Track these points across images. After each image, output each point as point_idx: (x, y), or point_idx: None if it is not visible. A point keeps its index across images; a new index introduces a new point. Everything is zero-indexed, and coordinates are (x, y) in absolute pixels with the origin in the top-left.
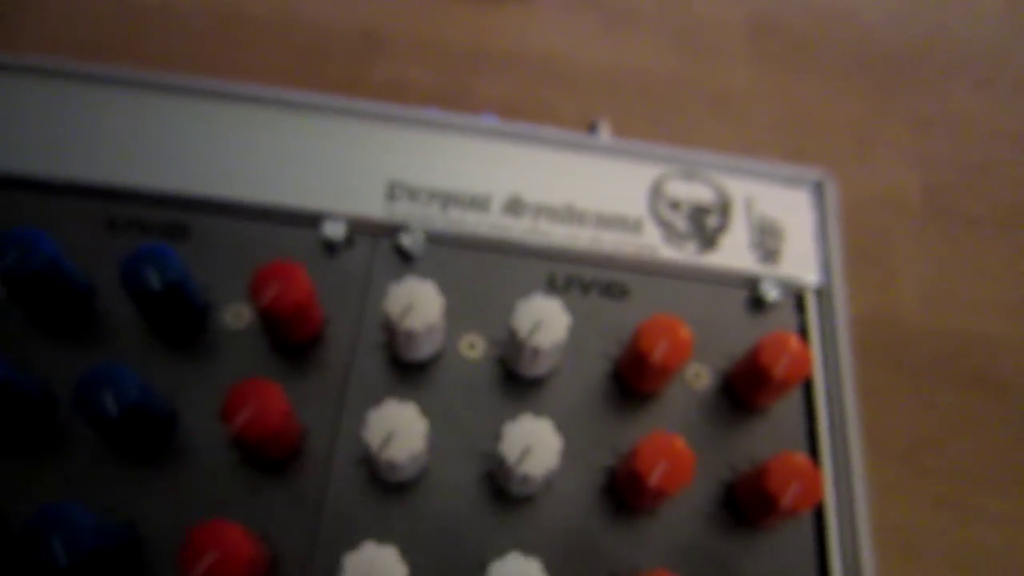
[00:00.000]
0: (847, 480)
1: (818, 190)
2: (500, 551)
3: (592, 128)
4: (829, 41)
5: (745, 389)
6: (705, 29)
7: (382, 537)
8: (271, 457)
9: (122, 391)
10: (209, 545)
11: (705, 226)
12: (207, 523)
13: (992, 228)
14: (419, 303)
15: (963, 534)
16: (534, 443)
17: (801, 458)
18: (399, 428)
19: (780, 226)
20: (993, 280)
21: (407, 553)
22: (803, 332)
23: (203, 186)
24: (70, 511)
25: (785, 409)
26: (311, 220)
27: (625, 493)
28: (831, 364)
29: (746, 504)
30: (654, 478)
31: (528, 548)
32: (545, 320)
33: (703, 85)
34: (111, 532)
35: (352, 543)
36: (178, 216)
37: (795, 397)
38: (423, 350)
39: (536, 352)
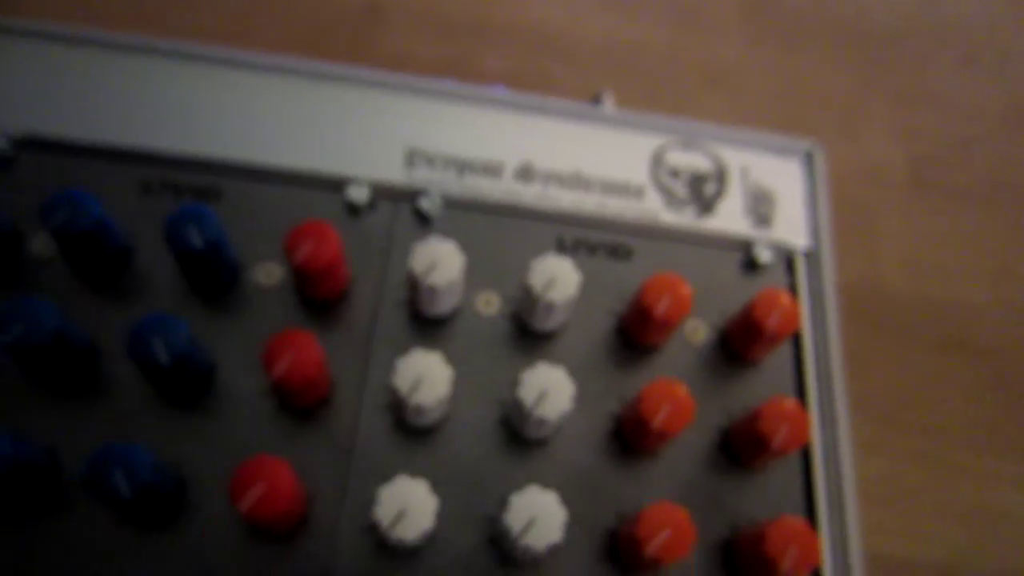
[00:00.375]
0: (832, 424)
1: (808, 160)
2: (519, 486)
3: (596, 99)
4: (820, 17)
5: (739, 342)
6: (699, 4)
7: (411, 474)
8: (305, 404)
9: (173, 339)
10: (257, 477)
11: (703, 193)
12: (255, 457)
13: (973, 201)
14: (442, 261)
15: (940, 486)
16: (550, 388)
17: (791, 402)
18: (426, 374)
19: (772, 193)
20: (973, 250)
21: (435, 487)
22: (793, 291)
23: (234, 151)
24: (132, 449)
25: (776, 361)
26: (336, 184)
27: (630, 435)
28: (818, 321)
29: (740, 445)
30: (658, 420)
31: (546, 480)
32: (558, 277)
33: (697, 59)
34: (165, 471)
35: (383, 479)
36: (210, 180)
37: (785, 351)
38: (443, 305)
39: (550, 307)
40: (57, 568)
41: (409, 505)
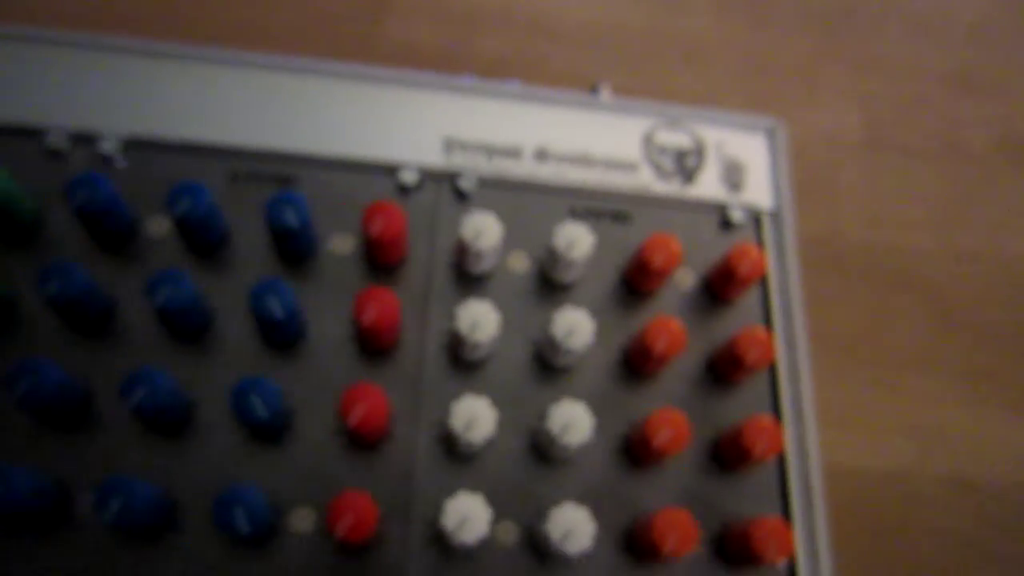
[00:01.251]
0: (794, 353)
1: (771, 134)
2: (552, 402)
3: (594, 89)
4: None
5: (718, 287)
6: None
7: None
8: (382, 346)
9: (284, 297)
10: (361, 397)
11: (686, 166)
12: (359, 383)
13: (922, 158)
14: (485, 229)
15: (889, 407)
16: (575, 325)
17: (760, 329)
18: (481, 318)
19: (742, 164)
20: (921, 202)
21: (492, 404)
22: (760, 244)
23: (304, 144)
24: (264, 384)
25: (747, 301)
26: (389, 170)
27: (637, 361)
28: (782, 268)
29: (721, 367)
30: (659, 346)
31: (575, 396)
32: (576, 239)
33: (672, 36)
34: (284, 399)
35: (450, 399)
36: (286, 169)
37: (755, 292)
38: (485, 265)
39: (570, 263)
40: None
41: (476, 415)
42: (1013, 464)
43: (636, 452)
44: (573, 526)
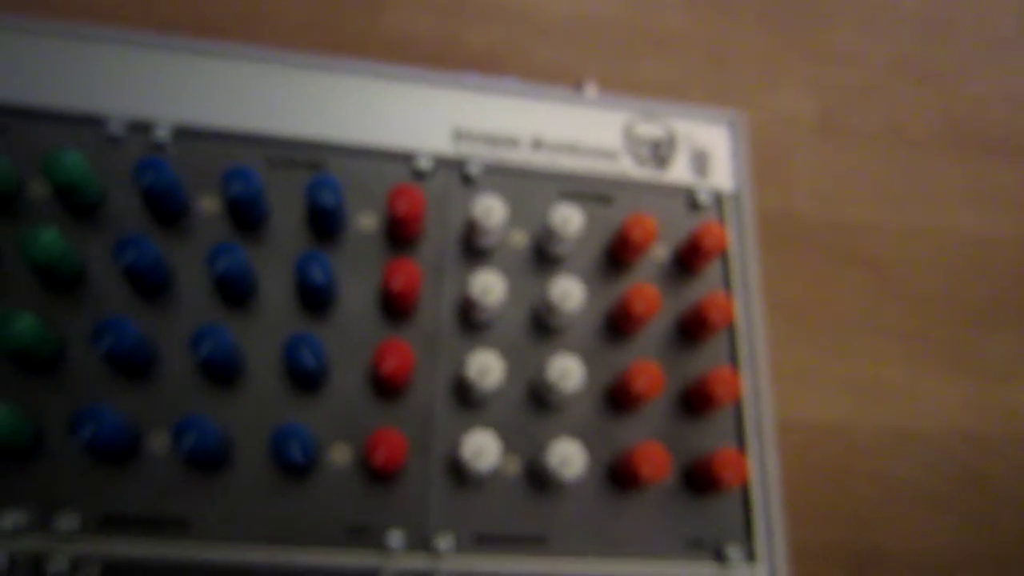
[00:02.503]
0: (751, 317)
1: (732, 126)
2: (549, 355)
3: (580, 85)
4: None
5: (687, 259)
6: None
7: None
8: (404, 310)
9: (324, 265)
10: (393, 351)
11: (659, 154)
12: (391, 339)
13: (869, 141)
14: (493, 209)
15: (838, 366)
16: (568, 291)
17: (722, 295)
18: (490, 285)
19: (708, 152)
20: (867, 182)
21: (500, 356)
22: (722, 222)
23: (332, 133)
24: (312, 340)
25: (712, 271)
26: (406, 157)
27: (620, 321)
28: (741, 242)
29: (689, 327)
30: (638, 308)
31: (568, 351)
32: (568, 218)
33: (645, 29)
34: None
35: (464, 353)
36: (316, 155)
37: (717, 264)
38: (491, 240)
39: (563, 239)
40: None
41: (488, 367)
42: (944, 415)
43: (619, 398)
44: (568, 455)
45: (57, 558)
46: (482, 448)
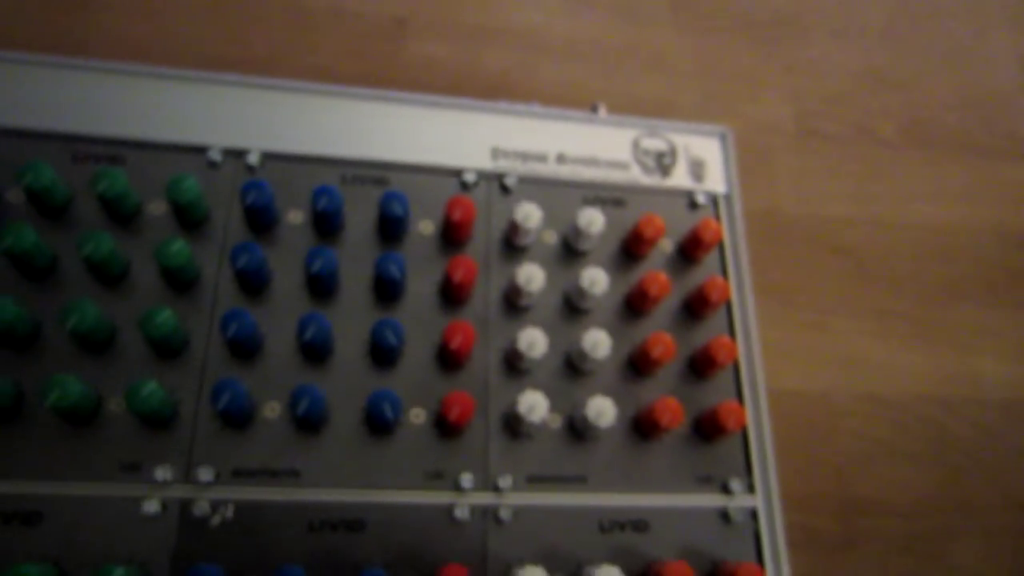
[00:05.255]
0: (743, 300)
1: (723, 139)
2: (583, 331)
3: (594, 108)
4: (729, 6)
5: (689, 250)
6: (638, 3)
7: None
8: (461, 298)
9: (398, 261)
10: (459, 331)
11: (663, 164)
12: (456, 322)
13: (842, 143)
14: (531, 214)
15: (819, 342)
16: (595, 278)
17: (719, 278)
18: (533, 275)
19: (703, 160)
20: (843, 179)
21: (543, 332)
22: (718, 219)
23: (393, 154)
24: (395, 324)
25: (711, 259)
26: (455, 172)
27: (637, 302)
28: (733, 236)
29: (694, 305)
30: (653, 290)
31: (597, 327)
32: (593, 219)
33: (639, 48)
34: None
35: (516, 330)
36: (381, 173)
37: (715, 253)
38: (528, 239)
39: (588, 236)
40: None
41: (535, 341)
42: (913, 383)
43: (639, 364)
44: (602, 409)
45: (199, 503)
46: (534, 404)
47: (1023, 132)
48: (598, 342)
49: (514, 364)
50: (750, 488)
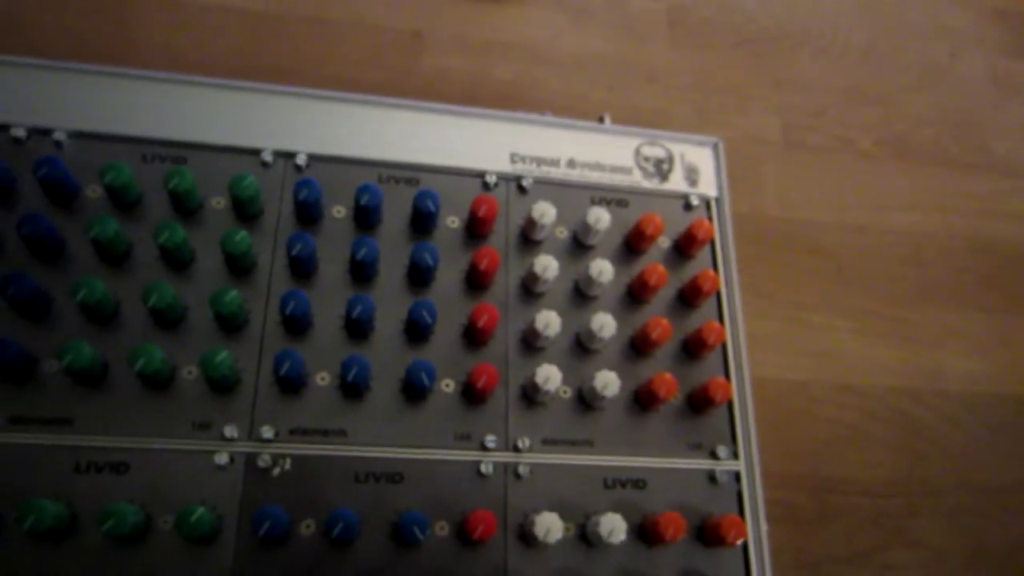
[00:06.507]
0: (731, 295)
1: (715, 148)
2: (591, 314)
3: (601, 119)
4: (722, 25)
5: (685, 247)
6: (637, 19)
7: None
8: (485, 284)
9: (430, 248)
10: (485, 311)
11: (662, 169)
12: (482, 303)
13: (824, 153)
14: (546, 211)
15: (799, 336)
16: (602, 269)
17: (710, 271)
18: (548, 265)
19: (697, 167)
20: (823, 187)
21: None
22: (710, 220)
23: (423, 158)
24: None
25: (703, 254)
26: (478, 174)
27: (637, 291)
28: (723, 235)
29: (688, 294)
30: (652, 280)
31: (603, 311)
32: (600, 217)
33: (638, 63)
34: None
35: (535, 311)
36: (413, 174)
37: (707, 249)
38: (543, 234)
39: (597, 232)
40: None
41: (550, 321)
42: (884, 375)
43: (640, 344)
44: (608, 382)
45: (262, 457)
46: (549, 377)
47: (994, 146)
48: (604, 324)
49: (531, 342)
50: (734, 455)
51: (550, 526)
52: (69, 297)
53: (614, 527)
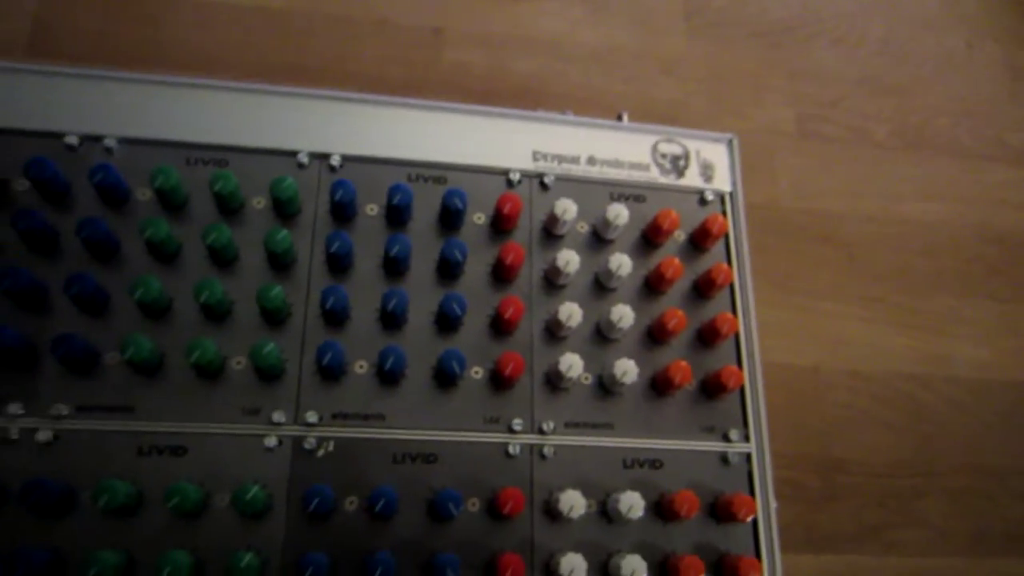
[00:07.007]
0: (743, 276)
1: (729, 144)
2: (611, 305)
3: (619, 117)
4: (737, 16)
5: (700, 240)
6: (654, 12)
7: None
8: (510, 277)
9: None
10: (511, 303)
11: (678, 165)
12: (509, 296)
13: (838, 144)
14: (568, 207)
15: (812, 323)
16: (622, 262)
17: (724, 265)
18: (570, 258)
19: (712, 163)
20: (837, 177)
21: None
22: (724, 214)
23: (449, 157)
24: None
25: (717, 248)
26: (502, 172)
27: (654, 282)
28: (736, 228)
29: (702, 286)
30: (669, 272)
31: (621, 302)
32: (620, 212)
33: (655, 55)
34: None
35: (559, 303)
36: (440, 172)
37: (721, 243)
38: (565, 229)
39: (616, 227)
40: None
41: (572, 312)
42: (893, 361)
43: (656, 334)
44: (627, 369)
45: (308, 439)
46: (571, 364)
47: (1009, 137)
48: (623, 315)
49: (554, 332)
50: (745, 438)
51: (573, 503)
52: (126, 294)
53: (633, 504)
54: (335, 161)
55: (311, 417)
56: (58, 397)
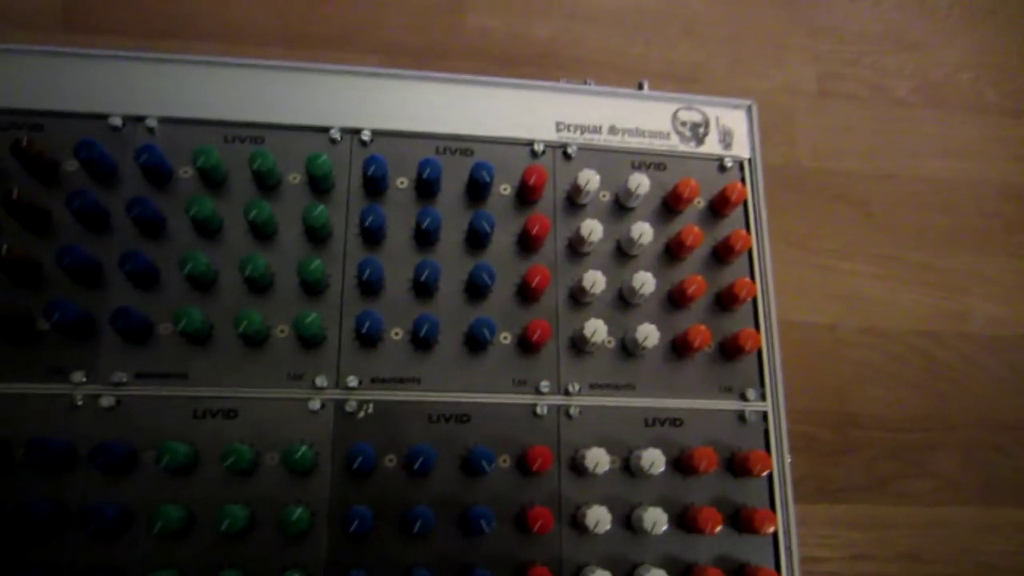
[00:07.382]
0: (762, 244)
1: (748, 111)
2: (633, 272)
3: (640, 85)
4: None
5: (719, 206)
6: None
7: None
8: (535, 247)
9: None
10: (539, 271)
11: (698, 133)
12: (535, 265)
13: (858, 102)
14: (591, 178)
15: (828, 282)
16: (644, 230)
17: (743, 231)
18: (594, 227)
19: (732, 129)
20: (856, 137)
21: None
22: (743, 181)
23: (476, 130)
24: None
25: (736, 214)
26: (527, 143)
27: (675, 249)
28: (755, 194)
29: (721, 252)
30: (688, 240)
31: (643, 269)
32: (641, 182)
33: (675, 16)
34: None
35: (580, 263)
36: (466, 145)
37: (740, 210)
38: (588, 198)
39: (637, 196)
40: None
41: (596, 280)
42: (909, 319)
43: (676, 298)
44: (648, 332)
45: (349, 402)
46: (595, 329)
47: None
48: (645, 281)
49: (579, 298)
50: (762, 397)
51: (598, 459)
52: (175, 269)
53: (654, 460)
54: (366, 136)
55: (351, 381)
56: (117, 365)
